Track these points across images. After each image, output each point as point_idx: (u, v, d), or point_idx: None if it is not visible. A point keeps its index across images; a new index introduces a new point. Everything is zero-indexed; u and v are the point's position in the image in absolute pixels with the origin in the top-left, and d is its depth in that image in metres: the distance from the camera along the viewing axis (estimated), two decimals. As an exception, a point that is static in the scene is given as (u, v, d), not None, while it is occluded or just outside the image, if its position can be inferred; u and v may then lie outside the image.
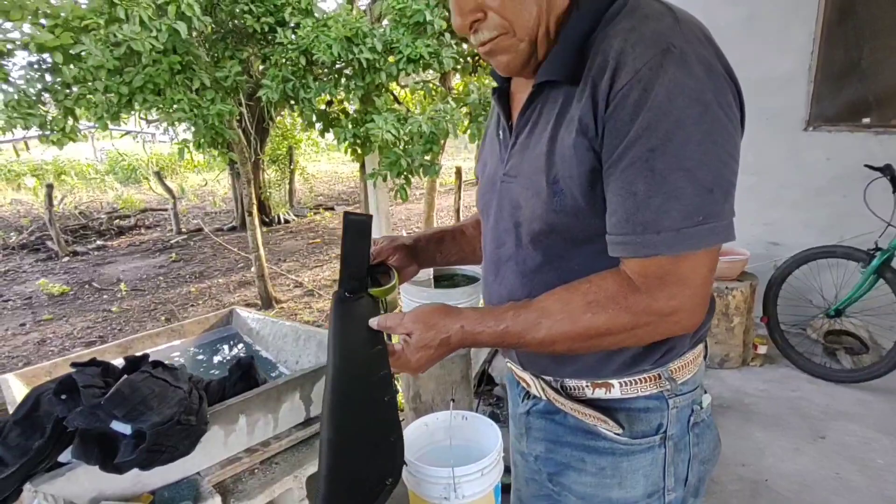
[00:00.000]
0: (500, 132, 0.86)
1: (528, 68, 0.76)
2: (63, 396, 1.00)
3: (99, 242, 9.38)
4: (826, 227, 3.09)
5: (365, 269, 0.84)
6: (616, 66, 0.65)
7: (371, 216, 0.86)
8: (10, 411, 1.41)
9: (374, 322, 0.79)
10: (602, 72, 0.66)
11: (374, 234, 0.87)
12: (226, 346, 1.88)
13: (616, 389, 0.80)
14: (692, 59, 0.64)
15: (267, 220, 9.81)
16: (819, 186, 3.11)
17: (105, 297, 7.03)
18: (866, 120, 3.28)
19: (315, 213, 10.97)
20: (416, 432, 1.90)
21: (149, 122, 7.75)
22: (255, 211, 6.06)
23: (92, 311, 6.59)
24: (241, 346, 1.88)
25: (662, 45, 0.64)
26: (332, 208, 11.60)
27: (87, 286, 7.42)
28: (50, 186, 8.64)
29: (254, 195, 6.13)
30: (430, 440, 1.91)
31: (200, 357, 1.82)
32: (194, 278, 7.61)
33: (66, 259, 8.50)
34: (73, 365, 1.08)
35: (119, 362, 1.14)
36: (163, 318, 6.27)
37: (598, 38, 0.69)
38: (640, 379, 0.78)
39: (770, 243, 3.27)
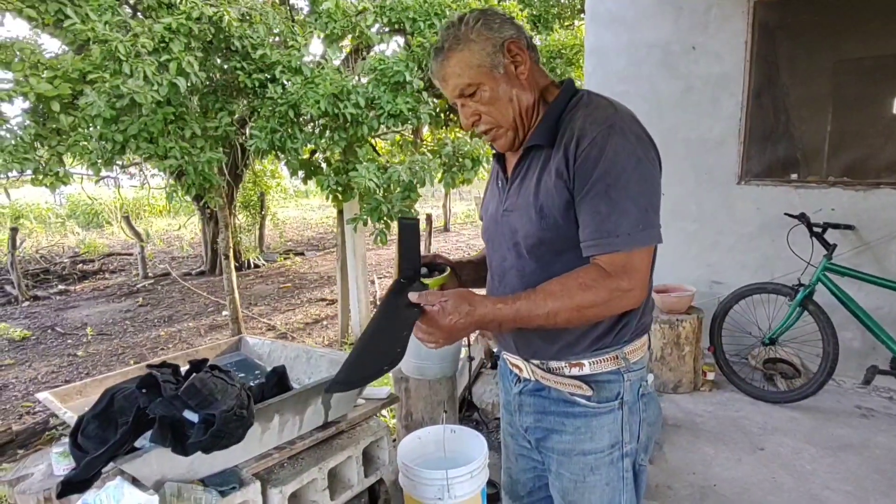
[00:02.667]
0: (499, 182, 1.20)
1: (515, 146, 1.13)
2: (144, 390, 1.21)
3: (61, 287, 9.20)
4: (758, 267, 3.54)
5: (418, 262, 1.06)
6: (580, 135, 1.01)
7: (418, 219, 1.12)
8: (60, 419, 1.60)
9: (413, 295, 0.95)
10: (571, 139, 1.02)
11: (350, 279, 1.12)
12: (241, 368, 2.08)
13: (587, 367, 1.09)
14: (627, 132, 1.00)
15: (237, 264, 9.86)
16: (751, 232, 3.58)
17: (69, 341, 6.92)
18: (794, 175, 3.80)
19: (285, 259, 11.08)
20: (410, 444, 2.11)
21: (123, 167, 7.87)
22: (231, 255, 6.21)
23: (56, 355, 6.47)
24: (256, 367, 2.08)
25: (609, 123, 1.00)
26: (303, 253, 11.73)
27: (49, 331, 7.28)
28: (14, 230, 8.54)
29: (230, 239, 6.29)
30: (423, 452, 2.13)
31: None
32: (163, 322, 7.56)
33: (27, 304, 8.31)
34: (149, 366, 1.30)
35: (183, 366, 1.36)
36: (132, 361, 6.22)
37: (565, 119, 1.06)
38: (603, 358, 1.09)
39: (712, 282, 3.70)
